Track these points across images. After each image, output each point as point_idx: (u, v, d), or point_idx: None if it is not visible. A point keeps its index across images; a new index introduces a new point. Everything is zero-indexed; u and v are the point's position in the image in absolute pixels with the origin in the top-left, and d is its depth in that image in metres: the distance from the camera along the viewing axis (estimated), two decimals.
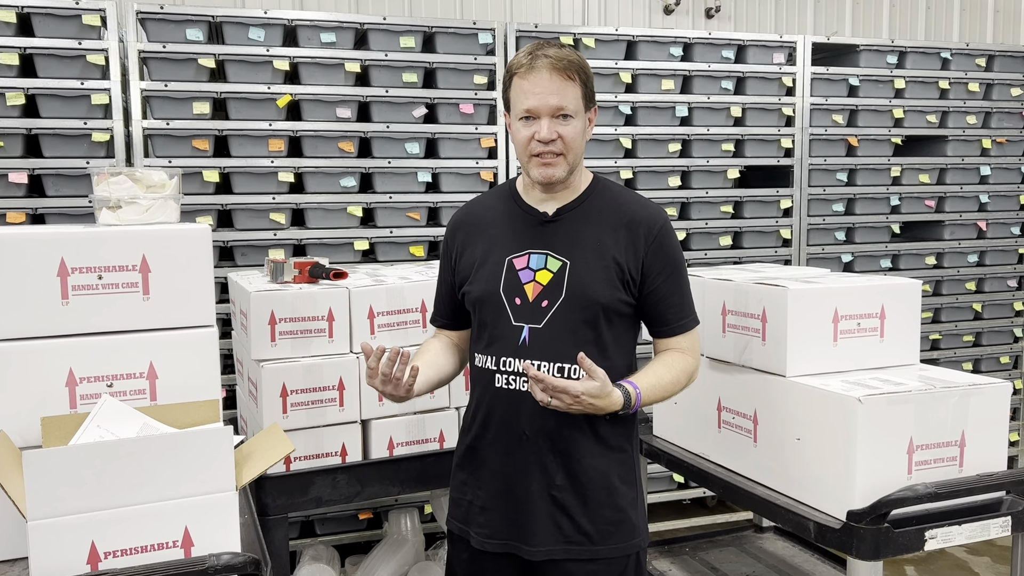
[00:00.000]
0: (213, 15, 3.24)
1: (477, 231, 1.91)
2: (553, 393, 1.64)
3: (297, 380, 2.44)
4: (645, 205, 1.87)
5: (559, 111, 1.74)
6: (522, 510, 1.80)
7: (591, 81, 1.81)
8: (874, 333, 2.24)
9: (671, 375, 1.82)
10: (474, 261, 1.88)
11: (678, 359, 1.85)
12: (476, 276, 1.86)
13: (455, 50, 3.55)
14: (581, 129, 1.78)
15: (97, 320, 1.82)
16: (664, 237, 1.83)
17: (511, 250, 1.83)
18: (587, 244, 1.80)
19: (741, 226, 4.05)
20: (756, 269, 2.72)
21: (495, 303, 1.82)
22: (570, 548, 1.78)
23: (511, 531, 1.82)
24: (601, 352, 1.78)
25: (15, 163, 3.05)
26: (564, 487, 1.78)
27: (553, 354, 1.76)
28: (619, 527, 1.81)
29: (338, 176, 3.43)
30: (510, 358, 1.79)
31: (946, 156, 4.38)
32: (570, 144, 1.76)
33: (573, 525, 1.78)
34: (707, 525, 4.05)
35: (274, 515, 2.41)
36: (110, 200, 1.95)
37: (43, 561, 1.48)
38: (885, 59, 4.22)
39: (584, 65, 1.78)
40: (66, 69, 3.09)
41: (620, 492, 1.82)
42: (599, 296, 1.77)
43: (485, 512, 1.85)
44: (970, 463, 2.04)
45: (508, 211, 1.89)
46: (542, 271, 1.79)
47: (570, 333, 1.76)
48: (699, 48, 3.91)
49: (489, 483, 1.85)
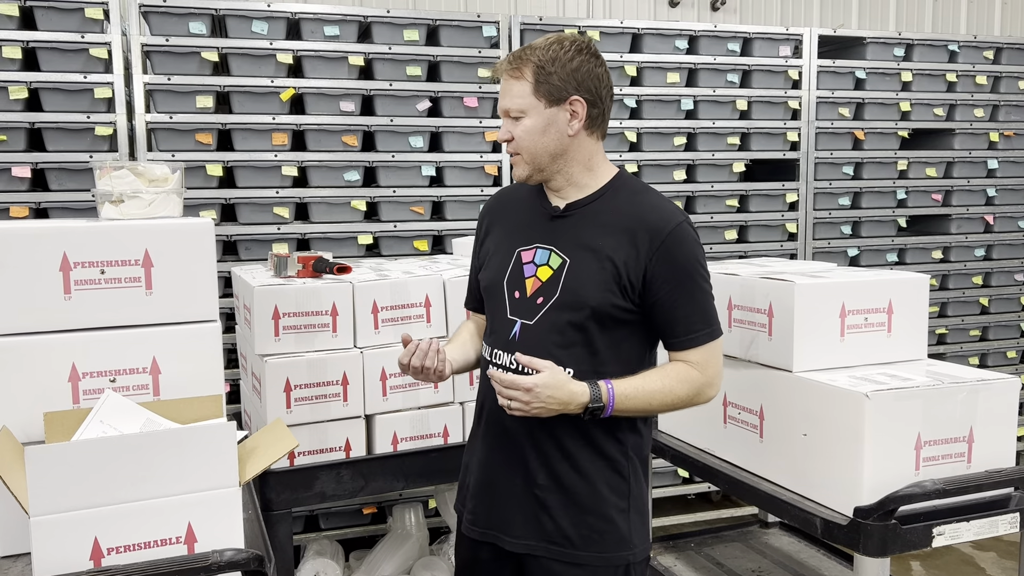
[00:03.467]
0: (216, 8, 3.22)
1: (501, 218, 1.90)
2: (508, 393, 1.62)
3: (301, 375, 2.43)
4: (657, 208, 1.74)
5: (508, 112, 1.73)
6: (504, 503, 1.79)
7: (557, 74, 1.68)
8: (881, 328, 2.22)
9: (662, 383, 1.70)
10: (491, 248, 1.88)
11: (680, 370, 1.73)
12: (489, 264, 1.86)
13: (459, 43, 3.53)
14: (534, 127, 1.70)
15: (100, 315, 1.81)
16: (673, 243, 1.69)
17: (522, 242, 1.81)
18: (588, 244, 1.73)
19: (747, 220, 4.03)
20: (762, 263, 2.70)
21: (498, 294, 1.81)
22: (551, 548, 1.75)
23: (492, 520, 1.81)
24: (592, 357, 1.72)
25: (18, 157, 3.05)
26: (547, 487, 1.75)
27: (539, 352, 1.69)
28: (604, 536, 1.74)
29: (342, 170, 3.42)
30: (500, 351, 1.78)
31: (953, 149, 4.36)
32: (522, 143, 1.72)
33: (555, 525, 1.74)
34: (712, 520, 4.05)
35: (278, 510, 2.40)
36: (112, 194, 1.94)
37: (46, 557, 1.47)
38: (892, 52, 4.19)
39: (543, 60, 1.68)
40: (69, 63, 3.08)
41: (607, 500, 1.74)
42: (589, 299, 1.69)
43: (473, 499, 1.86)
44: (978, 459, 2.02)
45: (530, 203, 1.85)
46: (544, 267, 1.76)
47: (558, 334, 1.72)
48: (704, 41, 3.89)
49: (477, 472, 1.86)
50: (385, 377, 2.53)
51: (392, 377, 2.54)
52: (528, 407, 1.62)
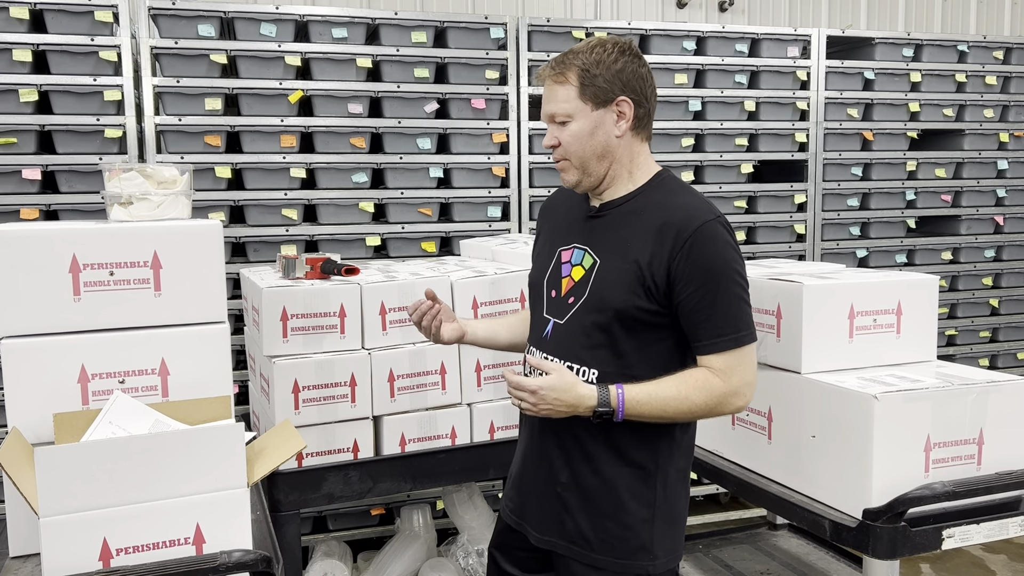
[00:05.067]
0: (225, 11, 3.23)
1: (552, 215, 1.93)
2: (516, 393, 1.65)
3: (309, 376, 2.43)
4: (687, 206, 1.68)
5: (554, 117, 1.73)
6: (531, 497, 1.84)
7: (603, 76, 1.68)
8: (890, 329, 2.22)
9: (677, 390, 1.64)
10: (539, 248, 1.92)
11: (699, 377, 1.66)
12: (536, 262, 1.91)
13: (467, 45, 3.54)
14: (582, 131, 1.70)
15: (109, 316, 1.82)
16: (699, 243, 1.63)
17: (563, 242, 1.83)
18: (617, 245, 1.72)
19: (755, 221, 4.02)
20: (770, 265, 2.69)
21: (538, 292, 1.84)
22: (571, 547, 1.76)
23: (523, 512, 1.87)
24: (618, 359, 1.70)
25: (29, 159, 3.06)
26: (568, 486, 1.76)
27: (566, 352, 1.74)
28: (623, 542, 1.72)
29: (350, 172, 3.43)
30: (535, 348, 1.82)
31: (963, 150, 4.34)
32: (570, 148, 1.72)
33: (575, 525, 1.75)
34: (720, 522, 4.04)
35: (286, 511, 2.41)
36: (121, 196, 1.95)
37: (55, 557, 1.48)
38: (901, 52, 4.18)
39: (587, 63, 1.68)
40: (79, 65, 3.09)
41: (628, 508, 1.72)
42: (613, 301, 1.68)
43: (512, 488, 1.93)
44: (988, 461, 2.01)
45: (576, 202, 1.86)
46: (577, 267, 1.76)
47: (584, 334, 1.72)
48: (712, 42, 3.88)
49: (516, 463, 1.93)
50: (393, 378, 2.53)
51: (400, 379, 2.54)
52: (536, 408, 1.64)
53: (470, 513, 3.14)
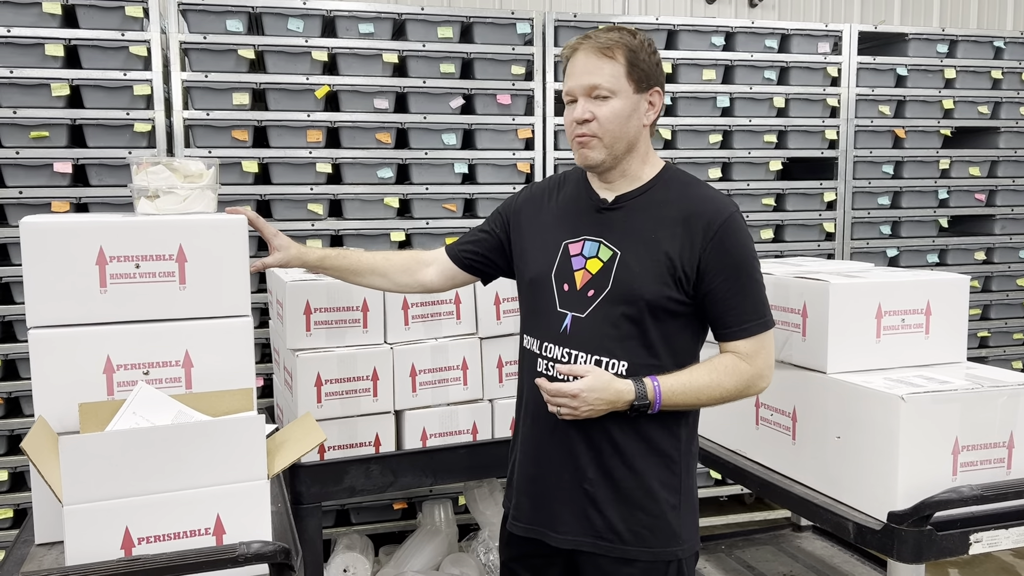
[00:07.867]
0: (253, 6, 3.25)
1: (534, 211, 1.89)
2: (556, 400, 1.66)
3: (331, 370, 2.45)
4: (710, 199, 1.74)
5: (593, 90, 1.69)
6: (552, 497, 1.79)
7: (646, 61, 1.70)
8: (919, 330, 2.18)
9: (710, 377, 1.70)
10: (528, 243, 1.86)
11: (728, 362, 1.73)
12: (532, 256, 1.85)
13: (493, 40, 3.53)
14: (623, 110, 1.69)
15: (134, 308, 1.84)
16: (726, 234, 1.69)
17: (568, 234, 1.80)
18: (641, 236, 1.72)
19: (783, 219, 3.97)
20: (798, 263, 2.66)
21: (545, 287, 1.80)
22: (599, 543, 1.74)
23: (538, 516, 1.81)
24: (647, 350, 1.71)
25: (60, 152, 3.10)
26: (597, 482, 1.74)
27: (592, 346, 1.72)
28: (655, 531, 1.74)
29: (375, 167, 3.43)
30: (551, 344, 1.77)
31: (998, 148, 4.26)
32: (606, 125, 1.69)
33: (604, 521, 1.74)
34: (744, 523, 4.00)
35: (308, 504, 2.42)
36: (148, 190, 1.97)
37: (78, 545, 1.50)
38: (935, 48, 4.10)
39: (633, 45, 1.69)
40: (109, 60, 3.13)
41: (659, 496, 1.74)
42: (644, 292, 1.69)
43: (518, 494, 1.86)
44: (1019, 465, 1.97)
45: (575, 194, 1.84)
46: (593, 259, 1.75)
47: (611, 327, 1.71)
48: (741, 37, 3.84)
49: (524, 467, 1.85)
50: (415, 373, 2.54)
51: (422, 373, 2.55)
52: (578, 411, 1.66)
53: (491, 509, 3.14)
